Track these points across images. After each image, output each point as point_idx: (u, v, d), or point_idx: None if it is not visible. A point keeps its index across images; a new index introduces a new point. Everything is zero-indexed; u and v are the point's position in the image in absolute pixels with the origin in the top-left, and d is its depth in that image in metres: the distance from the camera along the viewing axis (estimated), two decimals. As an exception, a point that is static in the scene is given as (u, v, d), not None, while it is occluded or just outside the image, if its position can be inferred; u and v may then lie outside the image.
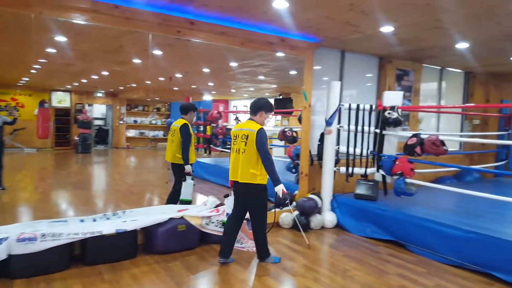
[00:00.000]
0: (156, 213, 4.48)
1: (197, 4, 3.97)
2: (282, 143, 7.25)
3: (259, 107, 3.77)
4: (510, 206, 4.94)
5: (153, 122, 17.60)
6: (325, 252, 4.49)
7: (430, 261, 4.19)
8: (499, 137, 7.74)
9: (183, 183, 5.00)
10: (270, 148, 8.53)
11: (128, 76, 8.95)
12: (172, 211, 4.53)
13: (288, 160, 6.22)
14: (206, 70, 7.24)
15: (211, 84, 8.78)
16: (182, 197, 5.05)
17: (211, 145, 8.04)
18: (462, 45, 5.52)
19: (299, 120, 5.77)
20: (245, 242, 4.41)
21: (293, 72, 6.77)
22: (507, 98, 8.14)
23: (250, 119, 3.81)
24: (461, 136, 8.00)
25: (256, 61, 6.24)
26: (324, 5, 3.84)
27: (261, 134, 3.61)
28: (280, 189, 3.71)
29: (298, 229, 4.99)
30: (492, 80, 8.42)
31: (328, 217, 5.30)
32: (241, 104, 10.72)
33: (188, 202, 5.07)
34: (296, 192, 5.56)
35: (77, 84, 12.37)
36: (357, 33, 4.85)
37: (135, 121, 17.31)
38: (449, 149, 4.64)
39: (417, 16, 4.13)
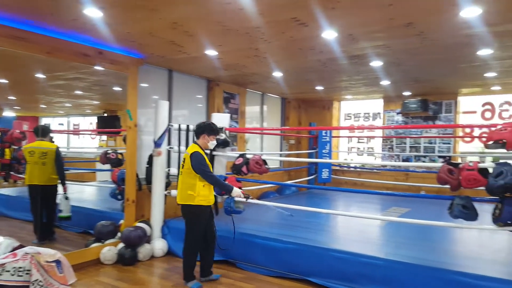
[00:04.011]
0: None
1: (-22, -1, 3.14)
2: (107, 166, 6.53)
3: (200, 131, 3.97)
4: (320, 216, 5.69)
5: None
6: (154, 284, 4.13)
7: (257, 275, 4.35)
8: (309, 155, 8.99)
9: (64, 200, 5.09)
10: (93, 172, 7.66)
11: None
12: None
13: (113, 185, 5.61)
14: (2, 81, 5.93)
15: (12, 98, 7.27)
16: (64, 214, 5.10)
17: (12, 172, 6.56)
18: (278, 74, 6.18)
19: (124, 141, 5.29)
20: (54, 290, 3.63)
21: (117, 88, 6.24)
22: (314, 121, 9.60)
23: (194, 142, 4.00)
24: (280, 155, 8.93)
25: (70, 73, 5.47)
26: (144, 20, 3.61)
27: (194, 156, 3.79)
28: (236, 193, 4.05)
29: (124, 263, 4.53)
30: (303, 105, 9.81)
31: (158, 245, 4.95)
32: (56, 122, 9.30)
33: (69, 218, 5.17)
34: (122, 221, 5.00)
35: None
36: (183, 53, 4.80)
37: None
38: (271, 167, 5.03)
39: (239, 43, 4.36)
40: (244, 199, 4.22)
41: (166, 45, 4.46)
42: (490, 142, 3.38)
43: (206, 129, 3.97)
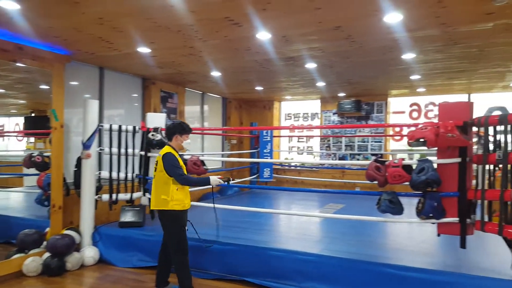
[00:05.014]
0: None
1: None
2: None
3: (171, 132, 3.73)
4: (261, 215, 5.74)
5: None
6: (83, 296, 3.89)
7: (195, 279, 4.22)
8: (251, 154, 9.04)
9: None
10: (20, 176, 7.04)
11: None
12: None
13: (39, 191, 5.19)
14: None
15: None
16: None
17: None
18: (216, 73, 6.11)
19: (50, 142, 4.92)
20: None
21: (45, 87, 5.80)
22: (256, 121, 9.67)
23: (167, 144, 3.74)
24: (222, 155, 8.87)
25: (-12, 70, 4.97)
26: (67, 14, 3.37)
27: (166, 158, 3.56)
28: (215, 181, 3.76)
29: (50, 275, 4.21)
30: (244, 105, 9.84)
31: (89, 253, 4.67)
32: (-25, 123, 8.43)
33: None
34: (48, 229, 4.64)
35: None
36: (114, 50, 4.56)
37: None
38: (213, 167, 4.96)
39: (172, 41, 4.23)
40: (225, 184, 4.01)
41: (94, 41, 4.21)
42: (413, 140, 3.61)
43: (177, 129, 3.72)
